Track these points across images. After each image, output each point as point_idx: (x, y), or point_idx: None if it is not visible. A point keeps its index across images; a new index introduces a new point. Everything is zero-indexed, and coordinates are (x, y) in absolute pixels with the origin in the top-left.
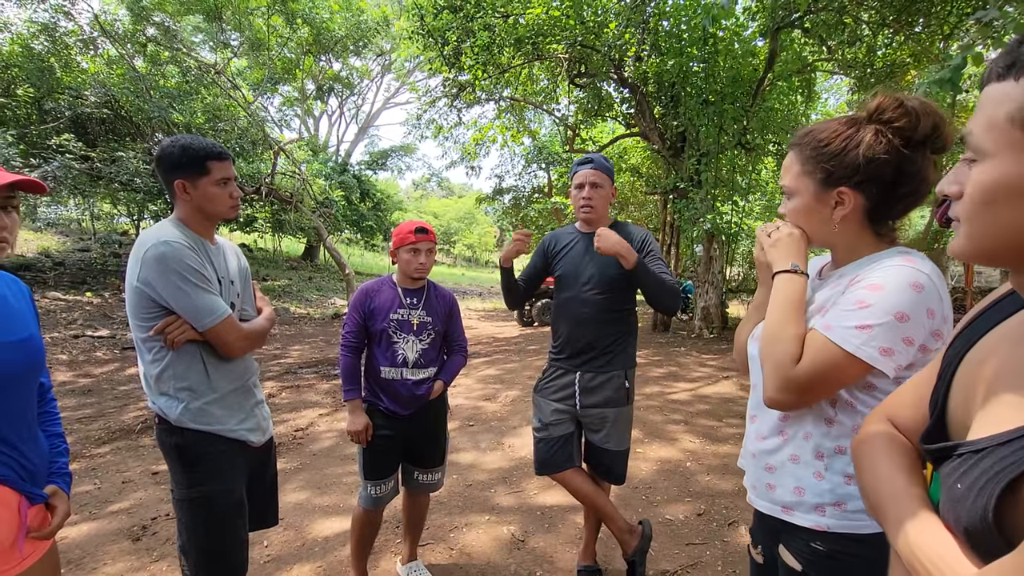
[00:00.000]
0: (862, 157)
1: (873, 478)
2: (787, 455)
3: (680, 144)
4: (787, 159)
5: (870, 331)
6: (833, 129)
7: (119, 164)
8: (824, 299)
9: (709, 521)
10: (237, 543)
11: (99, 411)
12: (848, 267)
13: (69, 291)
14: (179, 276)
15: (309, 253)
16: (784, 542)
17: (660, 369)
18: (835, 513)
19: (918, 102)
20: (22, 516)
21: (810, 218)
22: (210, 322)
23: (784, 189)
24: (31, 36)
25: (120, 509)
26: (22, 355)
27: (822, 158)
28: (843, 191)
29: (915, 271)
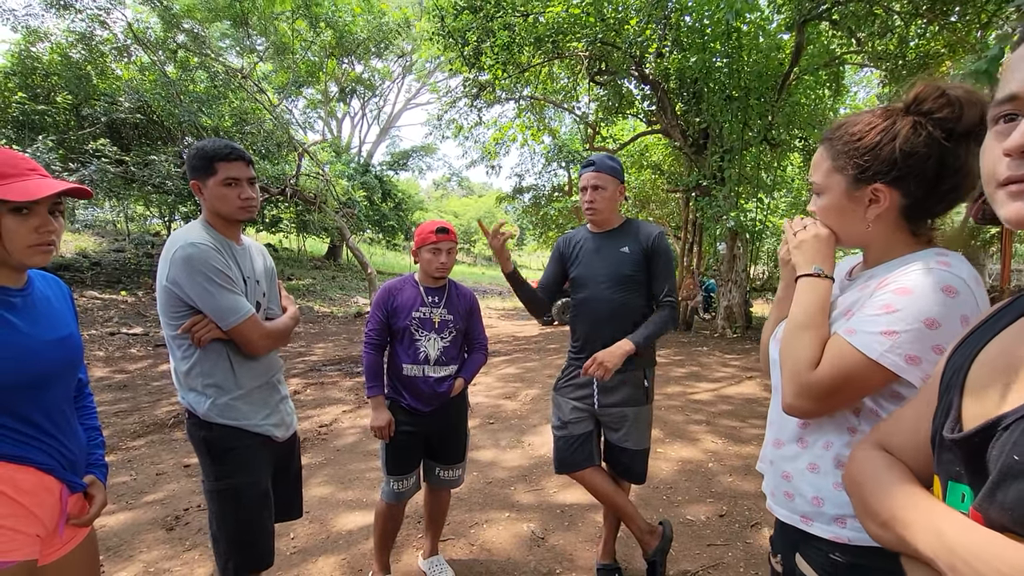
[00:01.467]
0: (899, 151)
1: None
2: (806, 464)
3: (703, 141)
4: (817, 154)
5: (896, 337)
6: (867, 122)
7: (151, 167)
8: (851, 302)
9: (731, 522)
10: (263, 533)
11: (134, 406)
12: (879, 268)
13: (105, 290)
14: (204, 277)
15: (332, 253)
16: (802, 552)
17: (682, 369)
18: (855, 525)
19: (962, 90)
20: (63, 503)
21: (842, 217)
22: (233, 321)
23: (813, 186)
24: (69, 45)
25: (155, 500)
26: (62, 352)
27: (855, 153)
28: (878, 188)
29: (949, 274)
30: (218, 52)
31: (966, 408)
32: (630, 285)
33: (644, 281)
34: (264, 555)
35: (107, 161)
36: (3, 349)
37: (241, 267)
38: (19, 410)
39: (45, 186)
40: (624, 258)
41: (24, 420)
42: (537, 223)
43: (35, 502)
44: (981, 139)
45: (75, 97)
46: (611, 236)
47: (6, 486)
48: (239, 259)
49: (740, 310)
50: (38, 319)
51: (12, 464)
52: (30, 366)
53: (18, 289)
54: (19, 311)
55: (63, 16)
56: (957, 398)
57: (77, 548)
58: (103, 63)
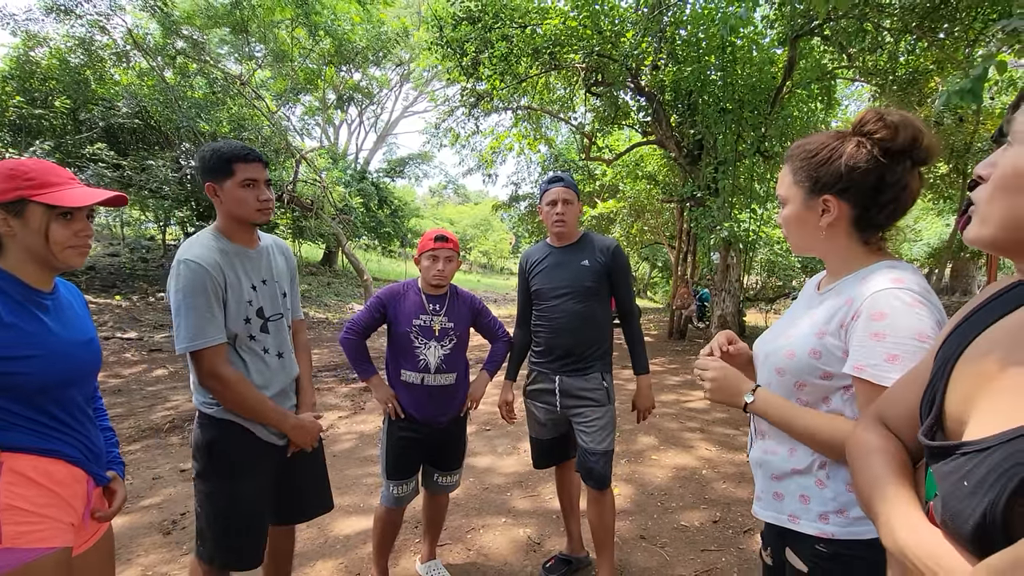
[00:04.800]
0: (844, 166)
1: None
2: (792, 466)
3: (697, 152)
4: (782, 171)
5: (900, 360)
6: (821, 141)
7: (148, 172)
8: (830, 313)
9: (725, 528)
10: (254, 536)
11: (129, 410)
12: (841, 283)
13: (100, 294)
14: (184, 294)
15: (328, 259)
16: (791, 546)
17: (676, 377)
18: (838, 520)
19: (899, 116)
20: (89, 495)
21: (801, 225)
22: (192, 345)
23: (779, 198)
24: (68, 50)
25: (152, 504)
26: (88, 354)
27: (810, 167)
28: (828, 199)
29: (907, 292)
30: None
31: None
32: (590, 296)
33: (603, 292)
34: (252, 558)
35: (104, 166)
36: (39, 348)
37: (252, 274)
38: (49, 407)
39: (91, 194)
40: (584, 271)
41: (53, 417)
42: (533, 231)
43: (69, 493)
44: (918, 159)
45: (73, 102)
46: (571, 250)
47: (43, 478)
48: (252, 265)
49: (734, 319)
50: (66, 322)
51: (45, 457)
52: (61, 366)
53: (48, 293)
54: (50, 313)
55: (63, 21)
56: (941, 395)
57: (99, 543)
58: (102, 68)
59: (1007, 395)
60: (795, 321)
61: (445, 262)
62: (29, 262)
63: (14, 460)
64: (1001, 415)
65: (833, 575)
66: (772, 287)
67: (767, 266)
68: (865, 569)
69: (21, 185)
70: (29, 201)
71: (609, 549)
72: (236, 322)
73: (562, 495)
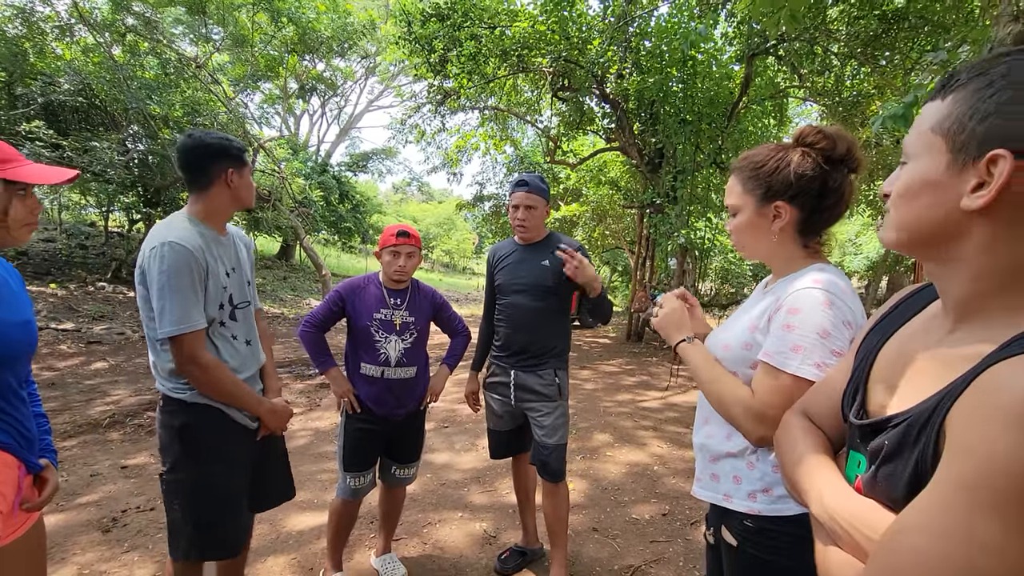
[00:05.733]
0: (793, 174)
1: (791, 459)
2: (727, 449)
3: (658, 160)
4: (729, 182)
5: (802, 351)
6: (766, 153)
7: (92, 154)
8: (763, 309)
9: (673, 520)
10: (236, 522)
11: (64, 404)
12: (779, 282)
13: (33, 282)
14: (167, 276)
15: (285, 252)
16: (725, 523)
17: (632, 378)
18: (764, 498)
19: (834, 129)
20: (20, 483)
21: (754, 231)
22: (174, 330)
23: (729, 208)
24: (5, 20)
25: (89, 501)
26: (25, 335)
27: (760, 176)
28: (780, 204)
29: (822, 292)
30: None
31: (871, 396)
32: (548, 295)
33: (562, 291)
34: (235, 544)
35: (42, 145)
36: None
37: (225, 259)
38: None
39: (53, 172)
40: (544, 271)
41: None
42: (497, 231)
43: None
44: (851, 167)
45: (9, 75)
46: (535, 249)
47: None
48: (224, 251)
49: None
50: (2, 300)
51: None
52: None
53: None
54: None
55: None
56: (863, 385)
57: (28, 533)
58: (42, 41)
59: (922, 376)
60: (738, 317)
61: (407, 258)
62: None
63: None
64: (919, 391)
65: (759, 548)
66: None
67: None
68: (788, 542)
69: None
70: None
71: (562, 540)
72: (213, 307)
73: (518, 487)
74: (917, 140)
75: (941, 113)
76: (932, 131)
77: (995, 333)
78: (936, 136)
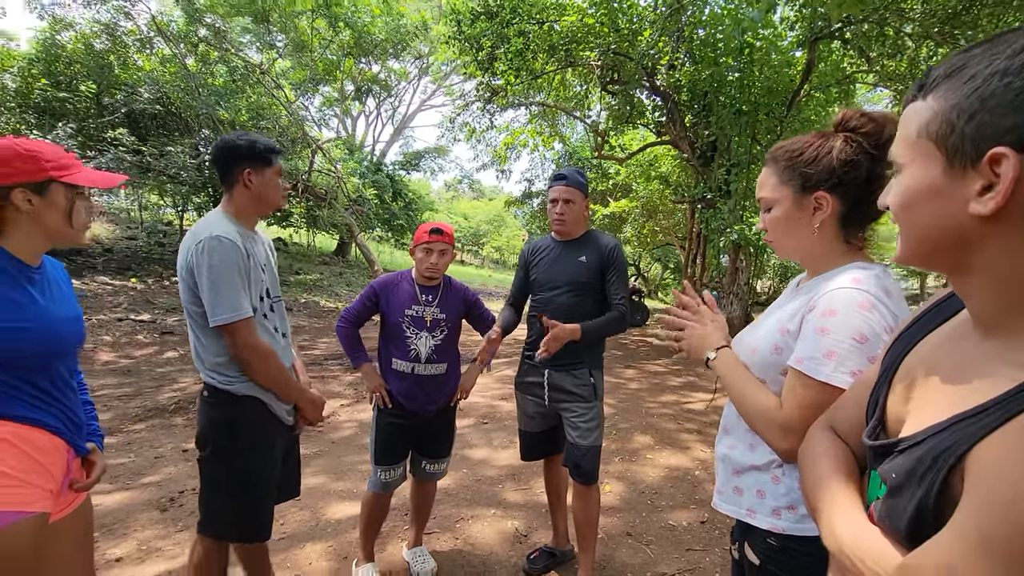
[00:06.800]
0: (836, 160)
1: (811, 481)
2: (751, 461)
3: (710, 153)
4: (763, 174)
5: (837, 357)
6: (804, 141)
7: (167, 158)
8: (794, 310)
9: (711, 529)
10: (268, 509)
11: (137, 390)
12: (814, 280)
13: (116, 276)
14: (217, 270)
15: (341, 249)
16: (748, 540)
17: (678, 379)
18: (789, 516)
19: (879, 112)
20: (68, 464)
21: (791, 226)
22: (226, 318)
23: (762, 202)
24: (93, 35)
25: (151, 482)
26: (74, 330)
27: (798, 166)
28: (821, 195)
29: (860, 292)
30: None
31: (889, 412)
32: (584, 292)
33: (598, 288)
34: (266, 528)
35: (124, 150)
36: (29, 321)
37: (258, 256)
38: (34, 378)
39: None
40: (581, 267)
41: (38, 387)
42: (545, 228)
43: (49, 461)
44: None
45: (97, 86)
46: (572, 245)
47: (25, 445)
48: (257, 248)
49: (740, 323)
50: (53, 297)
51: (28, 426)
52: (48, 338)
53: (36, 268)
54: (39, 288)
55: (90, 6)
56: (883, 397)
57: (75, 512)
58: (125, 54)
59: (940, 394)
60: (767, 317)
61: (439, 255)
62: (34, 239)
63: (1, 426)
64: (932, 409)
65: (782, 568)
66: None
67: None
68: (811, 564)
69: (45, 166)
70: (54, 181)
71: (591, 544)
72: (255, 299)
73: (549, 489)
74: (905, 147)
75: (924, 115)
76: (918, 135)
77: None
78: (925, 140)
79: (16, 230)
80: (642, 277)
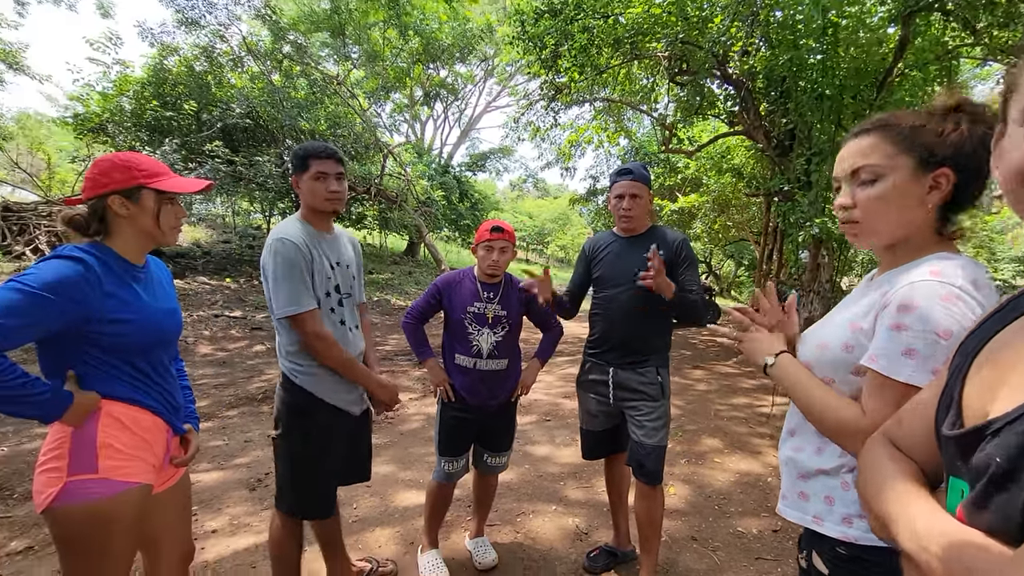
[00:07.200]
0: (967, 140)
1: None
2: (818, 465)
3: (788, 143)
4: (865, 142)
5: (918, 356)
6: (922, 115)
7: (256, 167)
8: (868, 306)
9: (784, 539)
10: (322, 489)
11: (231, 380)
12: (889, 274)
13: (213, 276)
14: (277, 267)
15: (411, 249)
16: (816, 549)
17: (751, 380)
18: (862, 524)
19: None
20: (168, 443)
21: (903, 202)
22: (288, 311)
23: (863, 171)
24: (194, 58)
25: (242, 463)
26: (172, 321)
27: (922, 136)
28: (945, 172)
29: (941, 284)
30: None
31: (966, 403)
32: (648, 290)
33: None
34: (321, 508)
35: (219, 161)
36: (135, 314)
37: (328, 255)
38: (141, 364)
39: (190, 183)
40: (646, 264)
41: (143, 373)
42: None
43: (152, 438)
44: None
45: (197, 104)
46: (636, 241)
47: (132, 424)
48: (329, 247)
49: None
50: (156, 293)
51: (135, 407)
52: (152, 329)
53: (141, 267)
54: (143, 284)
55: (191, 32)
56: (958, 392)
57: (175, 486)
58: (220, 73)
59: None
60: (838, 312)
61: (499, 252)
62: (135, 241)
63: (111, 407)
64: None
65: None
66: None
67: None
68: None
69: (137, 175)
70: (144, 188)
71: (655, 546)
72: (320, 293)
73: (611, 489)
74: None
75: None
76: None
77: None
78: None
79: (120, 232)
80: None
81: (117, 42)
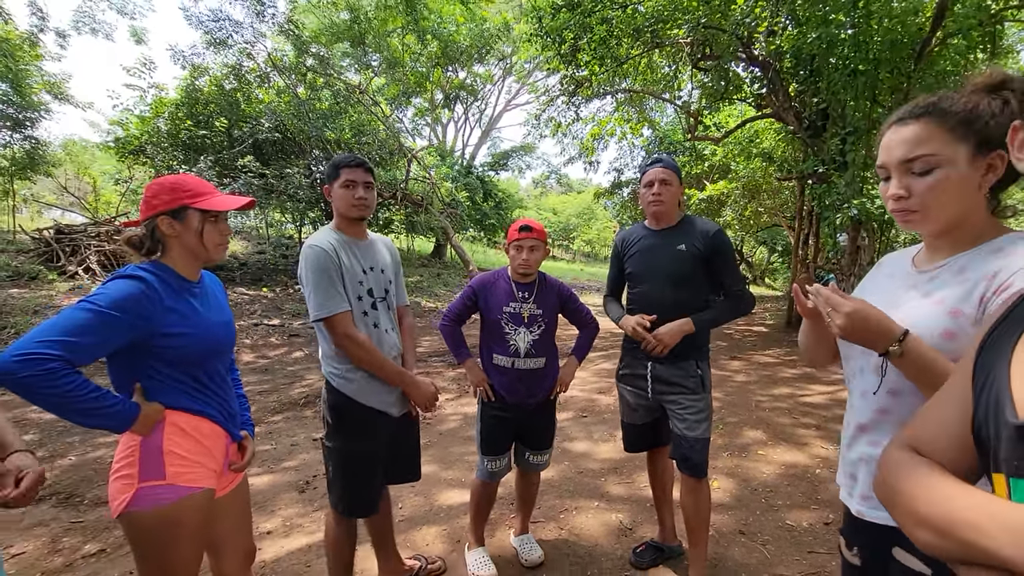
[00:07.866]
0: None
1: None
2: None
3: (821, 123)
4: (918, 129)
5: None
6: (969, 96)
7: (286, 179)
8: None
9: (837, 532)
10: (366, 488)
11: (273, 387)
12: (966, 257)
13: (251, 287)
14: (309, 272)
15: (438, 251)
16: (902, 544)
17: (792, 370)
18: None
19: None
20: (227, 449)
21: (964, 189)
22: (321, 314)
23: (919, 161)
24: (223, 77)
25: (290, 467)
26: (227, 332)
27: (978, 120)
28: (1000, 154)
29: None
30: (340, 71)
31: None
32: (685, 283)
33: (700, 279)
34: (365, 505)
35: (252, 175)
36: (193, 327)
37: (362, 260)
38: (199, 375)
39: (232, 200)
40: (681, 256)
41: (202, 383)
42: (636, 217)
43: (212, 445)
44: None
45: (228, 121)
46: (668, 233)
47: (194, 432)
48: (362, 252)
49: None
50: (211, 306)
51: (196, 416)
52: (208, 341)
53: (196, 283)
54: (199, 299)
55: (220, 52)
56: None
57: (235, 489)
58: (248, 90)
59: None
60: (900, 303)
61: (529, 251)
62: (186, 258)
63: (174, 416)
64: None
65: None
66: None
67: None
68: None
69: (181, 196)
70: (188, 208)
71: (703, 540)
72: (352, 296)
73: (654, 483)
74: None
75: None
76: None
77: None
78: None
79: (172, 250)
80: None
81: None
